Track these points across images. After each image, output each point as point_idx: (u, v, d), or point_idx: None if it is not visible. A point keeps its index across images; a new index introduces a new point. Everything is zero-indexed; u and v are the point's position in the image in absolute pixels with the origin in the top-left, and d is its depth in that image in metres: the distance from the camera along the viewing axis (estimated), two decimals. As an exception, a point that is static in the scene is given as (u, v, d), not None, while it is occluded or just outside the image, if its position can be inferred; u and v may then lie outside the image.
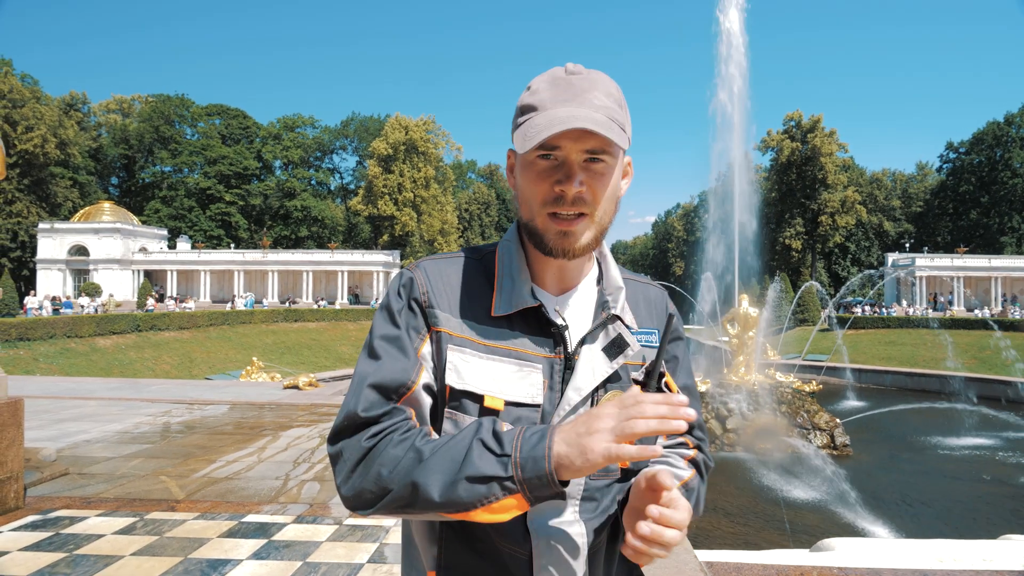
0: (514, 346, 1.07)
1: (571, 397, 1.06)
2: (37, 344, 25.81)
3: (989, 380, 23.52)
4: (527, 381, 1.05)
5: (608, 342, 1.10)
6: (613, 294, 1.14)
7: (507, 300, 1.08)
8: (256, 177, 73.98)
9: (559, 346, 1.08)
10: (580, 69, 1.06)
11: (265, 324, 39.20)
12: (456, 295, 1.10)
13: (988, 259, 53.08)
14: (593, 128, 0.97)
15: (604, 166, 1.03)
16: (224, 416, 9.81)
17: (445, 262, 1.14)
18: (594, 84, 1.04)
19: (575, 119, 0.98)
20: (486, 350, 1.06)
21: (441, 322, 1.07)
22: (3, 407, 5.01)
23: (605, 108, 1.02)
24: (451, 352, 1.06)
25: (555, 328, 1.08)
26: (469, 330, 1.07)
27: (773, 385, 15.29)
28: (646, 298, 1.22)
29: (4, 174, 5.39)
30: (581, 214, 1.03)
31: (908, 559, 2.61)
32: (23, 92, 53.78)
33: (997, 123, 65.76)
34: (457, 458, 0.92)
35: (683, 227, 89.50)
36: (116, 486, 5.86)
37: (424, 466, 0.93)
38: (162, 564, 4.00)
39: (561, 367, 1.07)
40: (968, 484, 11.92)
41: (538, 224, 1.05)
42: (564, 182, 1.01)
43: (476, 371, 1.05)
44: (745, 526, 9.22)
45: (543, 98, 1.03)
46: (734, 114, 21.79)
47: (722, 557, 2.71)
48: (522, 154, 1.04)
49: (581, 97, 1.02)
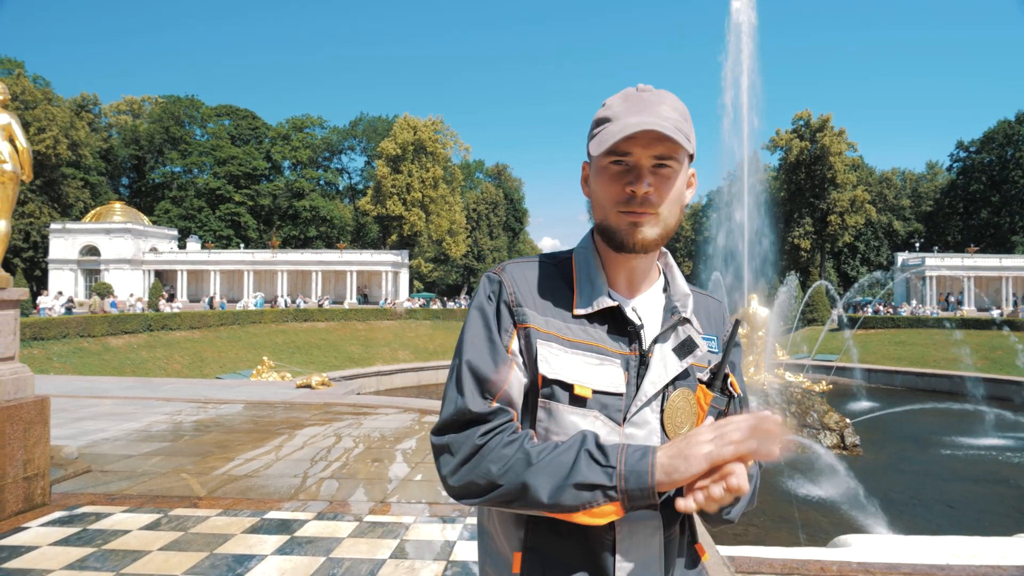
0: (595, 341, 1.17)
1: (647, 389, 1.16)
2: (51, 343, 26.04)
3: (1000, 380, 23.45)
4: (609, 373, 1.15)
5: (679, 343, 1.21)
6: (682, 300, 1.25)
7: (587, 300, 1.19)
8: (265, 177, 74.25)
9: (634, 343, 1.18)
10: (650, 88, 1.18)
11: (275, 324, 39.38)
12: (540, 295, 1.20)
13: (999, 259, 52.70)
14: (661, 131, 1.08)
15: (670, 171, 1.14)
16: (239, 415, 9.92)
17: (527, 265, 1.25)
18: (662, 99, 1.15)
19: (645, 123, 1.09)
20: (570, 345, 1.16)
21: (529, 319, 1.17)
22: (31, 405, 5.12)
23: (672, 119, 1.12)
24: (540, 346, 1.16)
25: (631, 327, 1.18)
26: (554, 326, 1.17)
27: (783, 385, 15.32)
28: (707, 308, 1.33)
29: (31, 176, 5.50)
30: (649, 212, 1.14)
31: (925, 555, 2.66)
32: (35, 94, 54.20)
33: (1008, 122, 65.27)
34: (565, 464, 1.03)
35: (691, 226, 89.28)
36: (138, 483, 5.96)
37: (534, 469, 1.04)
38: (189, 559, 4.10)
39: (636, 363, 1.17)
40: (979, 485, 11.91)
41: (611, 221, 1.16)
42: (634, 183, 1.12)
43: (564, 363, 1.15)
44: (756, 526, 9.26)
45: (616, 111, 1.14)
46: (743, 111, 21.80)
47: (743, 552, 2.77)
48: (596, 160, 1.16)
49: (651, 109, 1.13)
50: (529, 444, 1.08)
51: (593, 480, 1.02)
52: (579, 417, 1.13)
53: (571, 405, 1.14)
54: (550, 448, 1.06)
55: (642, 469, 1.01)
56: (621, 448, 1.04)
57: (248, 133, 73.61)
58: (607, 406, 1.14)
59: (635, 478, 1.01)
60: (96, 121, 69.46)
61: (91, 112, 68.82)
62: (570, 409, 1.14)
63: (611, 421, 1.14)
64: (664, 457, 1.01)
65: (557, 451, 1.05)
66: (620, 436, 1.14)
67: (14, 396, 5.10)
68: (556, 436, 1.14)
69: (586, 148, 1.20)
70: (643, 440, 1.15)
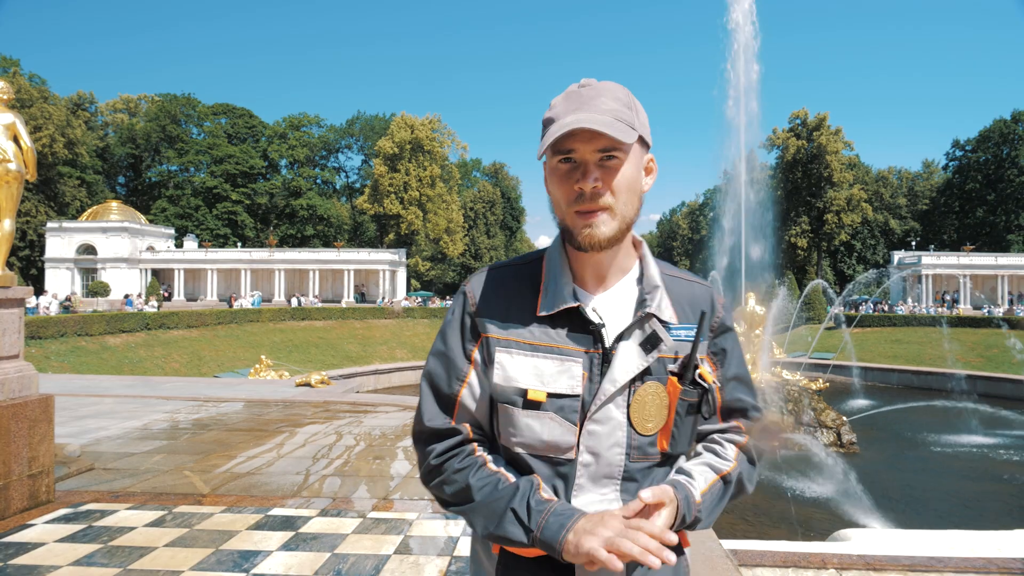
0: (556, 343, 1.18)
1: (607, 388, 1.17)
2: (48, 342, 26.01)
3: (996, 378, 23.56)
4: (568, 374, 1.17)
5: (644, 338, 1.20)
6: (651, 292, 1.23)
7: (550, 301, 1.20)
8: (262, 176, 74.16)
9: (597, 342, 1.19)
10: (591, 82, 1.18)
11: (272, 322, 39.37)
12: (503, 301, 1.22)
13: (995, 257, 52.94)
14: (594, 127, 1.09)
15: (617, 162, 1.14)
16: (239, 413, 9.96)
17: (496, 272, 1.27)
18: (601, 92, 1.16)
19: (579, 121, 1.10)
20: (530, 348, 1.18)
21: (489, 328, 1.21)
22: (35, 403, 5.15)
23: (611, 111, 1.13)
24: (498, 353, 1.19)
25: (592, 326, 1.19)
26: (514, 331, 1.20)
27: (780, 383, 15.36)
28: (691, 295, 1.30)
29: (35, 176, 5.53)
30: (601, 208, 1.14)
31: (923, 547, 2.71)
32: (31, 92, 54.07)
33: (1004, 121, 65.48)
34: (496, 514, 1.13)
35: (688, 225, 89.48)
36: (142, 480, 6.00)
37: (473, 507, 1.16)
38: (195, 555, 4.14)
39: (599, 361, 1.18)
40: (975, 482, 11.98)
41: (568, 222, 1.17)
42: (581, 180, 1.13)
43: (521, 367, 1.18)
44: (754, 524, 9.31)
45: (558, 110, 1.15)
46: (740, 110, 21.85)
47: (745, 546, 2.82)
48: (547, 161, 1.19)
49: (589, 104, 1.14)
50: (474, 477, 1.18)
51: (513, 538, 1.12)
52: (534, 420, 1.17)
53: (526, 409, 1.18)
54: (490, 490, 1.16)
55: (553, 540, 1.08)
56: (546, 512, 1.10)
57: (245, 132, 73.51)
58: (563, 407, 1.17)
59: (546, 546, 1.09)
60: (92, 120, 69.32)
61: (87, 111, 68.69)
62: (525, 412, 1.17)
63: (567, 422, 1.17)
64: (573, 531, 1.07)
65: (493, 497, 1.15)
66: (575, 435, 1.17)
67: (19, 394, 5.13)
68: (515, 437, 1.19)
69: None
70: (606, 436, 1.17)
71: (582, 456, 1.17)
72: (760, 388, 14.95)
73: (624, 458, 1.18)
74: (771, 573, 2.46)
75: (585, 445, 1.17)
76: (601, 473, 1.18)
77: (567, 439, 1.16)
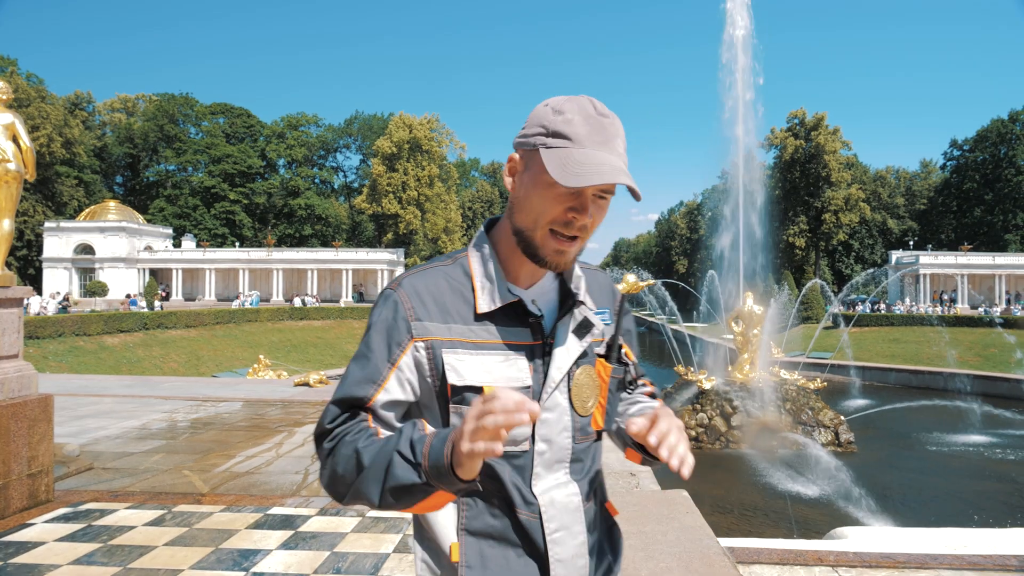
0: (500, 339, 1.20)
1: (555, 375, 1.21)
2: (46, 342, 26.01)
3: (993, 378, 23.62)
4: (515, 368, 1.19)
5: (577, 324, 1.26)
6: (575, 282, 1.29)
7: (490, 299, 1.21)
8: (260, 176, 74.08)
9: (537, 334, 1.23)
10: (606, 111, 1.17)
11: (271, 322, 39.39)
12: (440, 303, 1.21)
13: (992, 257, 53.02)
14: (627, 183, 1.11)
15: (606, 202, 1.19)
16: (238, 413, 9.96)
17: (424, 275, 1.25)
18: (618, 131, 1.17)
19: (616, 173, 1.09)
20: (476, 347, 1.19)
21: (431, 331, 1.19)
22: (35, 403, 5.17)
23: (623, 157, 1.16)
24: (446, 355, 1.18)
25: (533, 318, 1.22)
26: (458, 332, 1.20)
27: (778, 383, 15.39)
28: (598, 282, 1.39)
29: (34, 176, 5.54)
30: (576, 237, 1.17)
31: (919, 545, 2.73)
32: (28, 91, 53.98)
33: (1002, 120, 65.57)
34: (382, 468, 1.05)
35: (686, 225, 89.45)
36: (141, 480, 6.01)
37: (363, 476, 1.07)
38: (195, 554, 4.15)
39: (541, 351, 1.22)
40: (973, 481, 12.03)
41: (537, 236, 1.17)
42: (579, 212, 1.14)
43: (471, 367, 1.18)
44: (751, 522, 9.35)
45: (578, 132, 1.12)
46: (739, 111, 21.88)
47: (742, 543, 2.84)
48: (539, 175, 1.15)
49: (611, 144, 1.13)
50: (364, 442, 1.09)
51: (406, 480, 1.03)
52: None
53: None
54: (376, 448, 1.07)
55: (438, 460, 1.00)
56: (428, 439, 1.04)
57: (243, 131, 73.43)
58: None
59: (437, 470, 1.01)
60: (90, 119, 69.24)
61: (85, 110, 68.62)
62: None
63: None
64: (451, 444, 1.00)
65: (378, 453, 1.06)
66: (530, 427, 1.18)
67: (18, 393, 5.14)
68: None
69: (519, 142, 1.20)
70: (556, 422, 1.21)
71: (537, 445, 1.20)
72: (758, 388, 14.99)
73: (571, 441, 1.24)
74: (768, 570, 2.48)
75: (539, 434, 1.20)
76: (554, 459, 1.22)
77: (523, 431, 1.19)
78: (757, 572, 2.59)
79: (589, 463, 1.28)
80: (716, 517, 8.97)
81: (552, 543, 1.19)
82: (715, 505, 9.86)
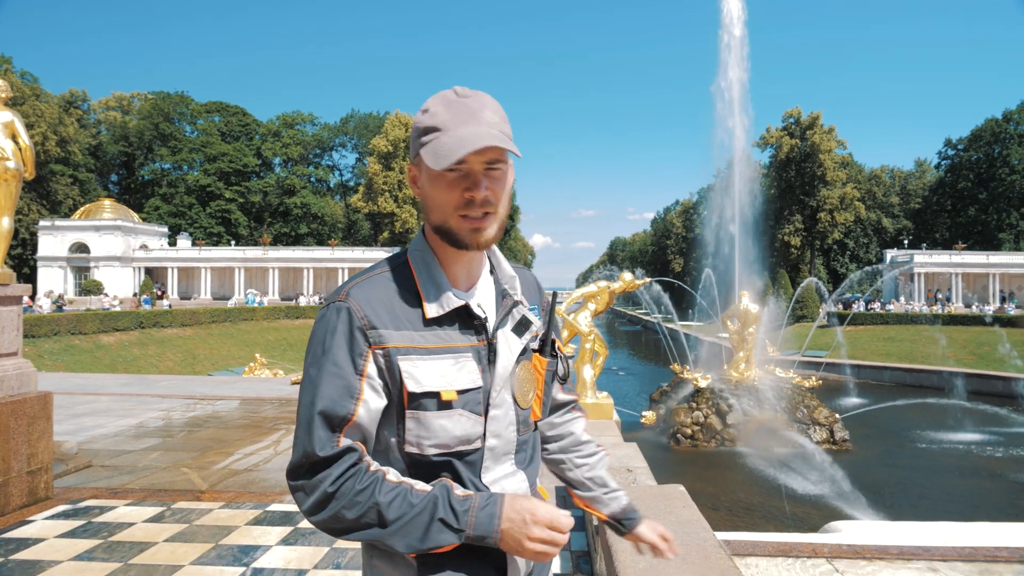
0: (449, 343, 1.24)
1: (501, 374, 1.26)
2: (42, 341, 25.94)
3: (986, 376, 23.73)
4: (466, 370, 1.23)
5: (516, 323, 1.32)
6: (509, 282, 1.35)
7: (437, 304, 1.25)
8: (256, 174, 73.92)
9: (482, 335, 1.27)
10: (468, 92, 1.24)
11: (267, 321, 39.34)
12: (391, 310, 1.23)
13: (986, 256, 53.25)
14: (497, 144, 1.17)
15: (501, 172, 1.23)
16: (236, 411, 9.98)
17: (370, 283, 1.25)
18: (484, 104, 1.22)
19: (480, 138, 1.16)
20: (428, 352, 1.22)
21: (386, 339, 1.20)
22: (34, 400, 5.18)
23: (495, 124, 1.20)
24: (402, 362, 1.20)
25: (478, 320, 1.27)
26: (409, 338, 1.22)
27: (773, 381, 15.45)
28: (527, 281, 1.45)
29: (33, 174, 5.55)
30: (487, 213, 1.22)
31: (913, 538, 2.77)
32: (23, 90, 53.70)
33: (996, 120, 65.78)
34: (419, 528, 1.12)
35: (682, 224, 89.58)
36: (140, 477, 6.03)
37: (390, 531, 1.12)
38: (195, 550, 4.18)
39: (486, 351, 1.26)
40: (966, 478, 12.11)
41: (452, 225, 1.22)
42: (473, 189, 1.19)
43: (427, 372, 1.21)
44: (747, 519, 9.40)
45: (443, 120, 1.19)
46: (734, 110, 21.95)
47: (738, 536, 2.88)
48: (428, 170, 1.22)
49: (477, 117, 1.19)
50: (382, 494, 1.13)
51: (445, 543, 1.13)
52: (446, 419, 1.21)
53: (438, 411, 1.20)
54: (401, 503, 1.13)
55: (486, 533, 1.13)
56: (472, 506, 1.14)
57: (238, 130, 73.25)
58: (469, 402, 1.23)
59: (481, 540, 1.13)
60: (85, 117, 68.92)
61: (80, 108, 68.30)
62: (437, 415, 1.21)
63: (473, 414, 1.23)
64: (507, 519, 1.13)
65: (411, 512, 1.12)
66: (482, 425, 1.24)
67: (18, 391, 5.16)
68: (428, 440, 1.20)
69: (413, 150, 1.26)
70: (503, 418, 1.26)
71: (488, 440, 1.26)
72: (754, 386, 15.05)
73: (516, 433, 1.30)
74: (764, 562, 2.52)
75: (490, 431, 1.25)
76: (502, 451, 1.29)
77: (476, 430, 1.23)
78: (753, 564, 2.64)
79: (530, 452, 1.37)
80: (712, 514, 9.00)
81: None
82: (711, 502, 9.91)
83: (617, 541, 2.22)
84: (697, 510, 2.62)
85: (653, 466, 5.22)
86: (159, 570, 3.88)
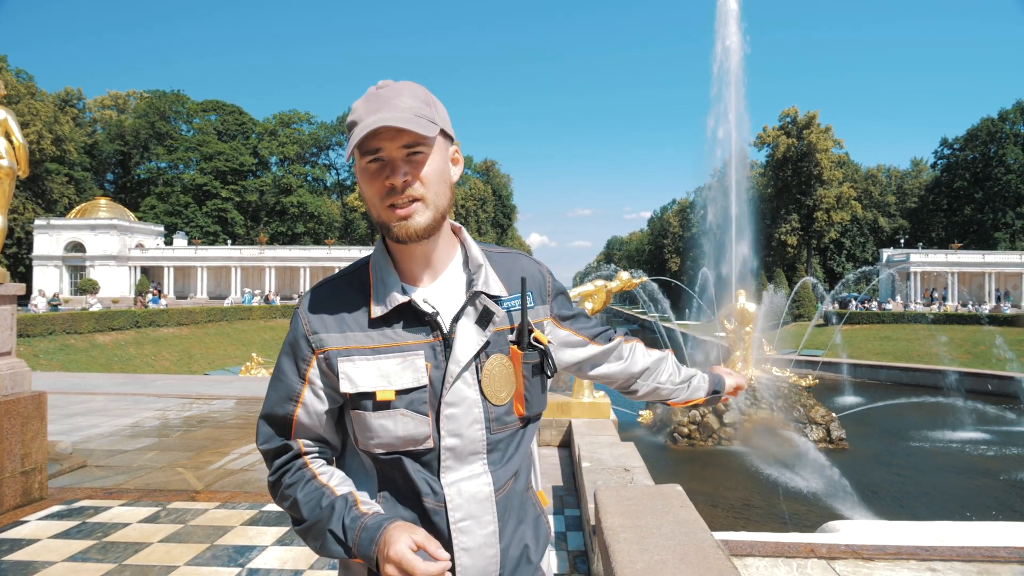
0: (395, 341, 1.23)
1: (452, 370, 1.22)
2: (37, 340, 25.83)
3: (983, 375, 23.77)
4: (411, 368, 1.21)
5: (478, 315, 1.26)
6: (476, 272, 1.30)
7: (382, 302, 1.24)
8: (252, 173, 73.80)
9: (435, 330, 1.24)
10: (389, 83, 1.23)
11: (263, 320, 39.26)
12: (336, 313, 1.25)
13: (982, 255, 53.41)
14: (397, 124, 1.14)
15: (423, 156, 1.20)
16: (232, 410, 9.94)
17: (326, 287, 1.30)
18: (399, 91, 1.21)
19: (381, 120, 1.15)
20: (372, 352, 1.22)
21: (327, 343, 1.23)
22: (28, 400, 5.14)
23: (411, 108, 1.18)
24: (342, 364, 1.22)
25: (427, 316, 1.24)
26: (354, 339, 1.23)
27: (770, 380, 15.47)
28: (518, 267, 1.38)
29: (27, 172, 5.52)
30: (414, 200, 1.19)
31: (911, 537, 2.77)
32: (18, 88, 53.54)
33: (991, 119, 65.98)
34: (320, 536, 1.19)
35: (679, 223, 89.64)
36: (135, 477, 5.99)
37: (304, 528, 1.22)
38: (190, 550, 4.15)
39: (442, 347, 1.23)
40: (963, 477, 12.12)
41: (383, 217, 1.21)
42: (391, 176, 1.18)
43: (366, 373, 1.21)
44: (744, 518, 9.40)
45: (360, 113, 1.19)
46: (730, 109, 21.97)
47: (736, 536, 2.87)
48: (356, 163, 1.23)
49: (389, 104, 1.18)
50: (301, 492, 1.23)
51: (340, 555, 1.18)
52: (387, 419, 1.21)
53: (376, 411, 1.21)
54: (313, 507, 1.21)
55: (366, 555, 1.14)
56: (359, 528, 1.16)
57: (235, 128, 73.11)
58: (412, 401, 1.21)
59: (367, 560, 1.15)
60: (80, 116, 68.76)
61: (75, 107, 68.14)
62: (376, 415, 1.21)
63: (418, 414, 1.21)
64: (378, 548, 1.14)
65: (316, 516, 1.20)
66: (429, 425, 1.22)
67: (11, 391, 5.12)
68: (372, 439, 1.22)
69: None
70: (464, 416, 1.23)
71: (445, 440, 1.22)
72: (751, 385, 15.06)
73: (485, 432, 1.25)
74: (761, 562, 2.51)
75: (446, 429, 1.22)
76: (467, 451, 1.24)
77: (422, 430, 1.21)
78: (751, 564, 2.63)
79: (511, 452, 1.29)
80: (709, 513, 9.02)
81: (457, 532, 1.22)
82: (708, 501, 9.92)
83: (614, 541, 2.20)
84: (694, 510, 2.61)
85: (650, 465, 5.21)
86: (154, 571, 3.85)
